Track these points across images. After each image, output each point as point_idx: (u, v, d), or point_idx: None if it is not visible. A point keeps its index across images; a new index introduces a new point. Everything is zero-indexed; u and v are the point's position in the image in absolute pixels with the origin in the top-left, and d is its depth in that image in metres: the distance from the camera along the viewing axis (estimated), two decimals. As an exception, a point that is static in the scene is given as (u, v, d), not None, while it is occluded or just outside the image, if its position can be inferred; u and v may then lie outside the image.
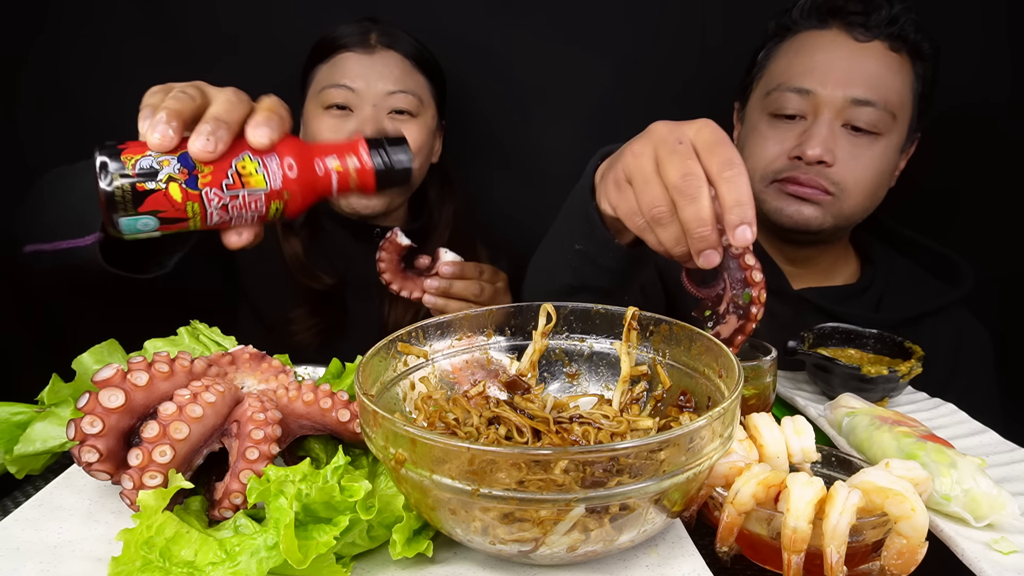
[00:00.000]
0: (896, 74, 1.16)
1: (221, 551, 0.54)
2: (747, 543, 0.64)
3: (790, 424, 0.70)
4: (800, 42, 1.20)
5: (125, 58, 1.48)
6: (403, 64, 1.31)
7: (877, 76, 1.14)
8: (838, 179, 1.15)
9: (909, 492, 0.58)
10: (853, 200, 1.17)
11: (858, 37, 1.15)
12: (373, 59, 1.30)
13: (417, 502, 0.57)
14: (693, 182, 0.69)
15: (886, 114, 1.14)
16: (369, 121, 1.27)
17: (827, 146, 1.13)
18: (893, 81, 1.15)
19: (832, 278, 1.29)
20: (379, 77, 1.29)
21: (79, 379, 0.77)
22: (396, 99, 1.29)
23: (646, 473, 0.52)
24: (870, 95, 1.13)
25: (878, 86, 1.14)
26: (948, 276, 1.25)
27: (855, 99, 1.13)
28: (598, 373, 0.77)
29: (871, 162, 1.16)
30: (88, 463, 0.59)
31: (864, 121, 1.14)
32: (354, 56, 1.30)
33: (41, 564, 0.58)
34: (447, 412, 0.69)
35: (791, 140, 1.17)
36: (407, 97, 1.30)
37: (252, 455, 0.62)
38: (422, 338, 0.73)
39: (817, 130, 1.14)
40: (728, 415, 0.57)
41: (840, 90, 1.14)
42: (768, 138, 1.20)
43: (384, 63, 1.30)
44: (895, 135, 1.17)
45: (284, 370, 0.73)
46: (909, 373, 0.95)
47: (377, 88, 1.28)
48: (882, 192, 1.21)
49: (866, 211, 1.21)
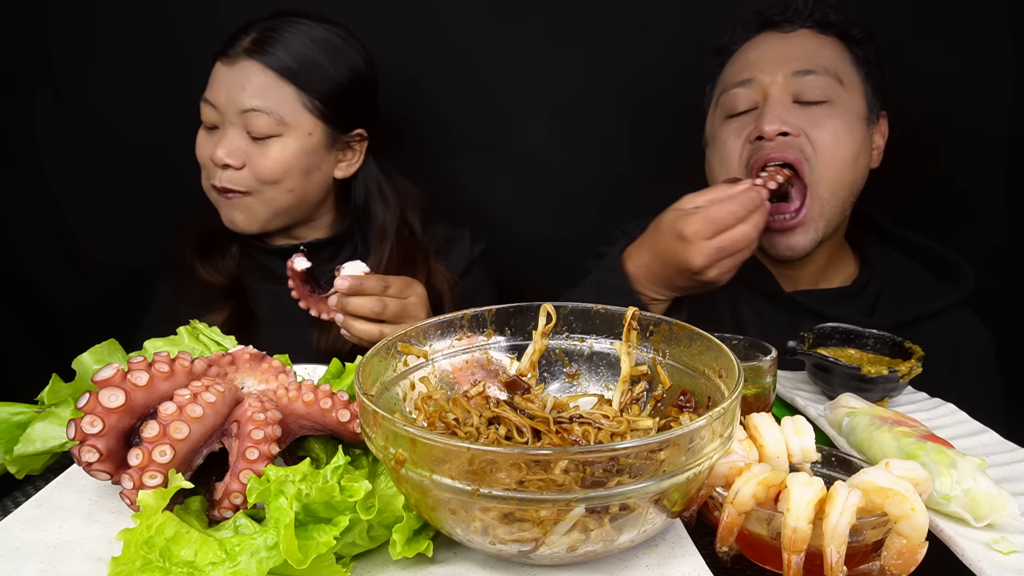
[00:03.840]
0: (830, 49, 1.20)
1: (221, 551, 0.54)
2: (747, 543, 0.64)
3: (790, 424, 0.70)
4: (739, 51, 1.26)
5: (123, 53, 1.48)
6: (264, 76, 1.18)
7: (811, 50, 1.19)
8: (803, 146, 1.16)
9: (909, 492, 0.58)
10: (828, 170, 1.16)
11: (785, 30, 1.23)
12: (233, 70, 1.18)
13: (417, 502, 0.57)
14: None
15: (831, 79, 1.17)
16: (224, 143, 1.18)
17: (782, 119, 1.15)
18: (828, 53, 1.19)
19: (828, 279, 1.29)
20: (238, 91, 1.17)
21: (79, 379, 0.77)
22: (252, 118, 1.18)
23: (646, 473, 0.52)
24: (809, 64, 1.17)
25: (814, 57, 1.18)
26: (948, 276, 1.24)
27: (795, 71, 1.17)
28: (598, 373, 0.77)
29: (831, 130, 1.16)
30: (88, 463, 0.59)
31: (812, 88, 1.16)
32: (220, 66, 1.20)
33: (41, 564, 0.58)
34: (447, 412, 0.69)
35: (749, 127, 1.20)
36: (266, 118, 1.18)
37: (252, 455, 0.62)
38: (422, 338, 0.73)
39: (769, 106, 1.17)
40: (728, 415, 0.57)
41: (780, 68, 1.18)
42: (727, 136, 1.23)
43: (245, 75, 1.18)
44: (850, 101, 1.18)
45: (284, 370, 0.74)
46: (909, 373, 0.94)
47: (235, 104, 1.17)
48: (861, 162, 1.20)
49: (851, 184, 1.19)
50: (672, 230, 1.05)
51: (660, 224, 1.09)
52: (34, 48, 1.49)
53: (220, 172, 1.21)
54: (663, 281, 1.09)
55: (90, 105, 1.51)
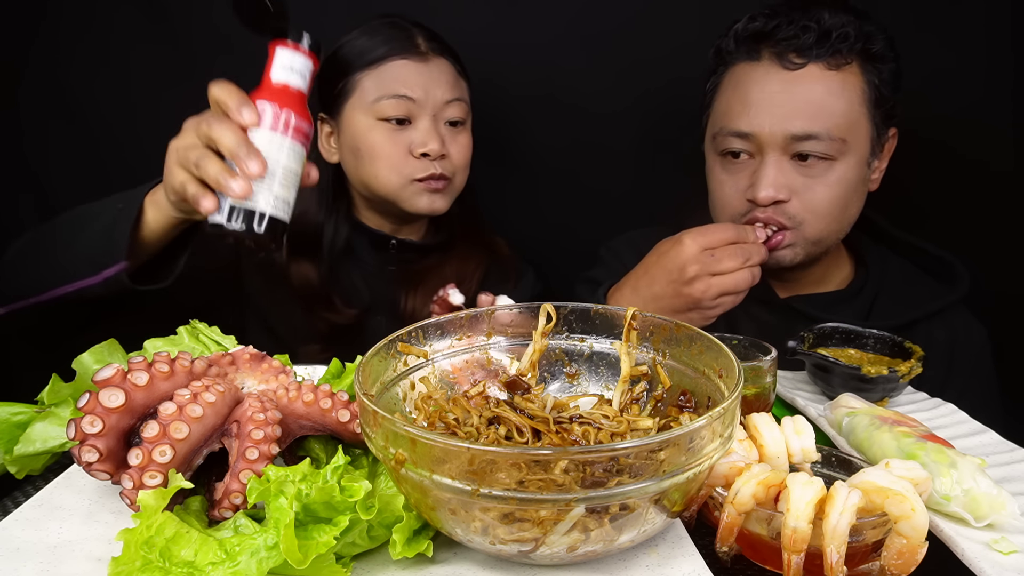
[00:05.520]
0: (838, 96, 1.09)
1: (221, 551, 0.54)
2: (747, 543, 0.64)
3: (790, 424, 0.70)
4: (735, 77, 1.16)
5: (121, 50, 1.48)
6: (452, 71, 1.27)
7: (816, 104, 1.08)
8: (794, 212, 1.12)
9: (909, 492, 0.58)
10: (816, 227, 1.14)
11: (789, 65, 1.09)
12: (429, 66, 1.24)
13: (417, 502, 0.57)
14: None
15: (834, 142, 1.09)
16: (427, 132, 1.23)
17: (777, 184, 1.10)
18: (836, 104, 1.09)
19: (824, 284, 1.28)
20: (436, 85, 1.24)
21: (79, 379, 0.77)
22: (452, 108, 1.25)
23: (646, 473, 0.52)
24: (811, 127, 1.08)
25: (819, 115, 1.08)
26: (944, 277, 1.24)
27: (795, 135, 1.09)
28: (598, 373, 0.77)
29: (827, 189, 1.12)
30: (88, 463, 0.59)
31: (812, 151, 1.10)
32: (408, 64, 1.24)
33: (41, 564, 0.58)
34: (447, 412, 0.69)
35: (744, 180, 1.15)
36: (461, 105, 1.27)
37: (252, 455, 0.62)
38: (422, 338, 0.73)
39: (765, 172, 1.11)
40: (728, 415, 0.57)
41: (779, 127, 1.09)
42: (724, 182, 1.19)
43: (440, 70, 1.25)
44: (851, 155, 1.12)
45: (284, 370, 0.74)
46: (909, 373, 0.94)
47: (436, 97, 1.24)
48: (853, 208, 1.18)
49: (839, 231, 1.18)
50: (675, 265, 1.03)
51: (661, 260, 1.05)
52: (34, 47, 1.49)
53: (428, 163, 1.25)
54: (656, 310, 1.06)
55: (90, 104, 1.50)
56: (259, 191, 0.80)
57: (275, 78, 0.82)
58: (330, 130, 1.31)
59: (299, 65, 0.83)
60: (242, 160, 0.79)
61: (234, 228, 0.80)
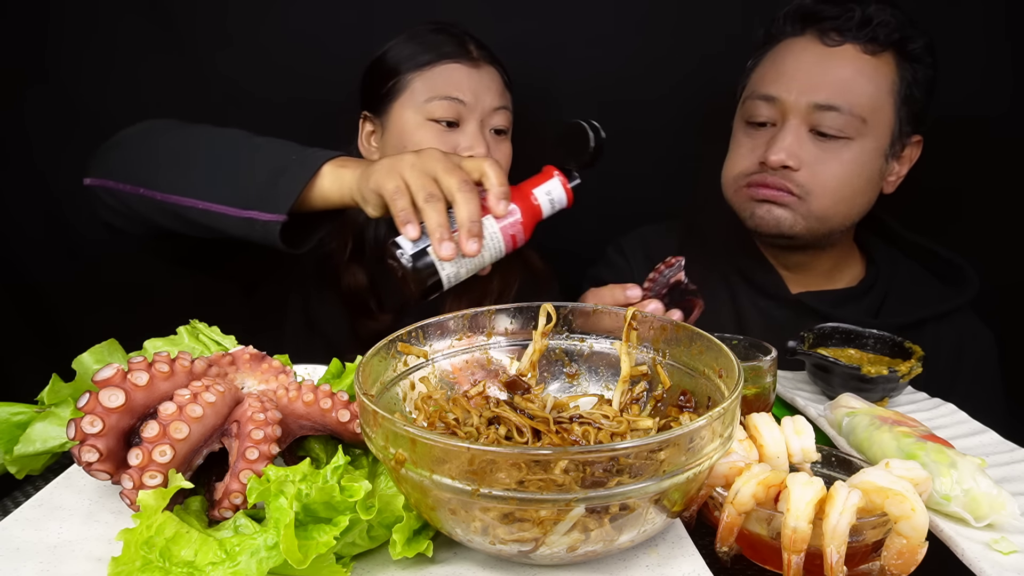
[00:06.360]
0: (868, 78, 1.13)
1: (221, 551, 0.54)
2: (747, 543, 0.64)
3: (790, 424, 0.70)
4: (778, 51, 1.20)
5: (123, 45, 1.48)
6: (500, 80, 1.28)
7: (845, 81, 1.12)
8: (802, 182, 1.14)
9: (909, 492, 0.58)
10: (822, 203, 1.15)
11: (828, 42, 1.14)
12: (480, 73, 1.25)
13: (417, 502, 0.57)
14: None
15: (854, 119, 1.12)
16: (474, 137, 1.23)
17: (791, 151, 1.13)
18: (864, 85, 1.13)
19: (834, 281, 1.29)
20: (486, 91, 1.24)
21: (79, 379, 0.77)
22: (498, 116, 1.26)
23: (646, 473, 0.52)
24: (835, 100, 1.12)
25: (845, 91, 1.12)
26: (953, 280, 1.24)
27: (818, 104, 1.12)
28: (598, 373, 0.77)
29: (840, 167, 1.14)
30: (88, 463, 0.59)
31: (830, 126, 1.12)
32: (460, 68, 1.24)
33: (41, 564, 0.58)
34: (447, 412, 0.69)
35: (761, 145, 1.17)
36: (506, 114, 1.27)
37: (252, 455, 0.62)
38: (422, 338, 0.73)
39: (782, 136, 1.14)
40: (728, 415, 0.57)
41: (804, 96, 1.13)
42: (742, 145, 1.21)
43: (490, 77, 1.26)
44: (869, 139, 1.14)
45: (284, 370, 0.74)
46: (909, 373, 0.95)
47: (485, 103, 1.24)
48: (862, 197, 1.19)
49: (845, 216, 1.19)
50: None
51: None
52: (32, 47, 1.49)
53: None
54: None
55: (89, 105, 1.50)
56: (453, 262, 0.83)
57: (536, 195, 0.87)
58: (372, 129, 1.30)
59: (558, 197, 0.88)
60: (465, 236, 0.81)
61: (408, 266, 0.82)
